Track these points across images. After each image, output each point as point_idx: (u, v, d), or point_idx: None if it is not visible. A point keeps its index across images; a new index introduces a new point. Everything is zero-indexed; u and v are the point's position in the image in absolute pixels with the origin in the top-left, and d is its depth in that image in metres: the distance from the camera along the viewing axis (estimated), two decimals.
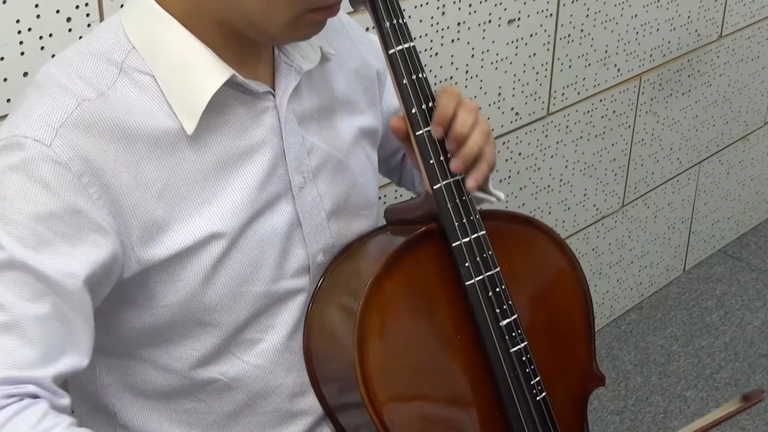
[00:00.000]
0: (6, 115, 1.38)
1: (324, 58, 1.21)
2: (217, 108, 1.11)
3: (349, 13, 1.68)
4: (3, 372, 0.98)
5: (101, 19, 1.44)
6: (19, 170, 1.02)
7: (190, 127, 1.09)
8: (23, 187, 1.01)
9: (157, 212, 1.08)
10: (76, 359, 1.03)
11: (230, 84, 1.10)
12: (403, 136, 1.19)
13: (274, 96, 1.16)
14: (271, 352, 1.20)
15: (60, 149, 1.02)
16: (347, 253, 1.24)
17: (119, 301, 1.12)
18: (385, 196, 1.99)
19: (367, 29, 1.48)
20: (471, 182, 1.17)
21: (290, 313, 1.20)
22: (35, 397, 0.99)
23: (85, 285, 1.03)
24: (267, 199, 1.15)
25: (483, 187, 1.24)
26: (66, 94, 1.06)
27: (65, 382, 1.30)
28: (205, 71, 1.09)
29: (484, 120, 1.19)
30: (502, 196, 1.26)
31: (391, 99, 1.35)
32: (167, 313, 1.13)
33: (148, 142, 1.07)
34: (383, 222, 1.30)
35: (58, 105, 1.05)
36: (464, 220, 1.17)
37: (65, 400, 1.02)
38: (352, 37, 1.30)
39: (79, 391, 1.24)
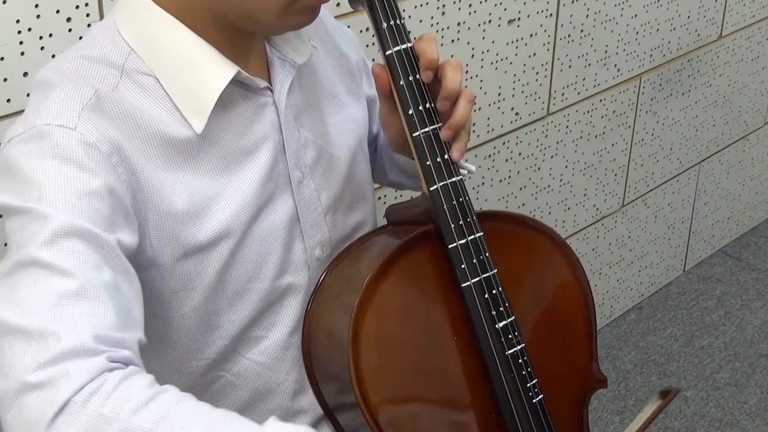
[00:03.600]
0: (6, 116, 1.38)
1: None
2: (223, 105, 1.11)
3: (347, 14, 1.69)
4: (93, 331, 0.91)
5: (101, 19, 1.44)
6: (51, 156, 0.99)
7: (199, 127, 1.09)
8: (58, 169, 0.99)
9: (174, 204, 1.08)
10: (140, 333, 0.98)
11: (233, 81, 1.10)
12: (385, 90, 1.18)
13: (271, 91, 1.16)
14: (274, 348, 1.20)
15: (86, 131, 1.01)
16: (348, 252, 1.24)
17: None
18: (384, 196, 1.99)
19: (367, 29, 1.48)
20: (456, 153, 1.17)
21: (292, 310, 1.21)
22: (134, 366, 0.93)
23: (130, 261, 1.01)
24: (268, 194, 1.16)
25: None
26: (81, 83, 1.05)
27: None
28: (210, 69, 1.09)
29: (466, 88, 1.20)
30: (473, 168, 1.26)
31: (371, 90, 1.35)
32: (182, 322, 1.13)
33: (157, 140, 1.07)
34: (380, 216, 1.30)
35: (75, 93, 1.04)
36: (461, 222, 1.17)
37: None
38: (328, 29, 1.30)
39: None
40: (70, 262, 0.94)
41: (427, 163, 1.16)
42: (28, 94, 1.10)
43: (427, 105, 1.17)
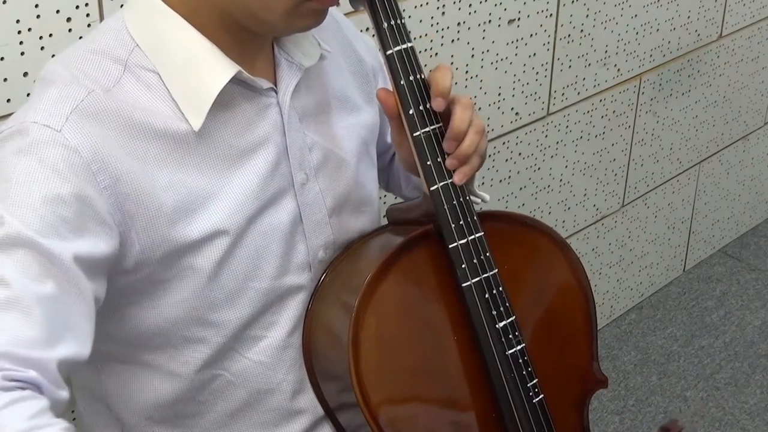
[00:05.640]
0: (6, 116, 1.38)
1: (320, 56, 1.21)
2: (223, 104, 1.11)
3: (348, 14, 1.69)
4: (3, 347, 0.91)
5: (101, 19, 1.44)
6: (27, 153, 1.00)
7: (197, 124, 1.09)
8: (31, 169, 0.99)
9: (165, 205, 1.08)
10: (76, 347, 0.98)
11: (235, 80, 1.11)
12: (393, 113, 1.18)
13: (276, 92, 1.16)
14: (273, 348, 1.20)
15: (70, 134, 1.02)
16: (348, 251, 1.24)
17: (125, 301, 1.12)
18: (385, 196, 1.99)
19: (367, 29, 1.48)
20: (459, 176, 1.17)
21: (292, 310, 1.21)
22: (38, 388, 0.93)
23: (86, 272, 1.01)
24: (270, 195, 1.16)
25: (469, 187, 1.24)
26: (75, 85, 1.06)
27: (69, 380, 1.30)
28: (210, 67, 1.09)
29: (478, 115, 1.19)
30: (487, 197, 1.26)
31: None
32: (174, 312, 1.13)
33: (154, 136, 1.08)
34: (384, 220, 1.30)
35: (68, 94, 1.04)
36: (461, 222, 1.17)
37: (65, 393, 0.96)
38: (345, 34, 1.31)
39: (85, 393, 1.25)
40: (12, 271, 0.94)
41: (428, 163, 1.16)
42: (28, 94, 1.11)
43: (428, 105, 1.17)
